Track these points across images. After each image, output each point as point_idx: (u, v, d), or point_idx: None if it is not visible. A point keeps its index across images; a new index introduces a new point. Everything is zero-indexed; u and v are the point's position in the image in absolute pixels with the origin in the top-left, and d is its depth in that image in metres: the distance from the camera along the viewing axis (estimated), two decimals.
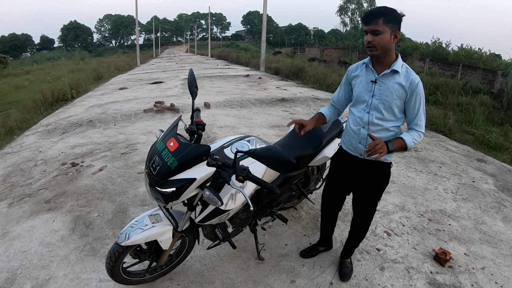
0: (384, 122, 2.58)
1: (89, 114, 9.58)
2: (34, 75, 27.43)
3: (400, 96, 2.52)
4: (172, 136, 2.43)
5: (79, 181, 5.16)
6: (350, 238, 3.23)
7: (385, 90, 2.52)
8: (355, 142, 2.70)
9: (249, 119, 8.70)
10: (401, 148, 2.49)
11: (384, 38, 2.38)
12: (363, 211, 3.01)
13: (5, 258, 3.49)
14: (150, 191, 2.46)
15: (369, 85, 2.60)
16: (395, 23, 2.39)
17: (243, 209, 2.84)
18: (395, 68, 2.48)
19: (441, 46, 31.58)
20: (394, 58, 2.54)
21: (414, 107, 2.55)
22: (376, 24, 2.35)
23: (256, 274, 3.21)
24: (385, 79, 2.53)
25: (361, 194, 2.95)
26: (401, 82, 2.49)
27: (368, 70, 2.63)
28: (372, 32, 2.38)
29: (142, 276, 2.96)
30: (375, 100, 2.57)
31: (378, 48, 2.42)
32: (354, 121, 2.71)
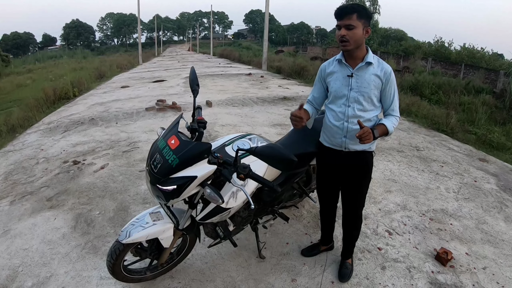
0: (365, 113, 2.66)
1: (91, 112, 9.60)
2: (36, 74, 27.43)
3: (377, 86, 2.62)
4: (173, 134, 2.43)
5: (80, 179, 5.17)
6: (345, 238, 3.25)
7: (363, 82, 2.61)
8: (339, 137, 2.75)
9: (251, 117, 8.71)
10: (383, 133, 2.62)
11: (357, 33, 2.46)
12: (352, 206, 3.05)
13: (6, 255, 3.49)
14: (151, 189, 2.46)
15: (346, 80, 2.66)
16: (367, 19, 2.49)
17: (244, 208, 2.84)
18: (368, 60, 2.58)
19: (444, 45, 31.59)
20: (365, 52, 2.63)
21: (390, 94, 2.68)
22: (349, 19, 2.43)
23: (257, 273, 3.22)
24: (360, 72, 2.61)
25: (349, 187, 2.98)
26: (376, 72, 2.60)
27: (342, 66, 2.69)
28: (345, 26, 2.45)
29: (143, 274, 2.97)
30: (353, 93, 2.64)
31: (351, 42, 2.49)
32: (335, 117, 2.75)
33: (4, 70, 32.08)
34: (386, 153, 6.20)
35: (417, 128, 8.21)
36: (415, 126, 8.37)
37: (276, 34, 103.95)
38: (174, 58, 44.05)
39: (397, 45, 39.19)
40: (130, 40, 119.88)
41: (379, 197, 4.63)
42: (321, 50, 45.86)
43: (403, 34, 49.12)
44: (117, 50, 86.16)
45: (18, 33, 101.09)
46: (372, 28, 10.52)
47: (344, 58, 2.66)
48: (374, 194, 4.67)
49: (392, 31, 49.40)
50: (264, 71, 21.30)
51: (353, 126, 2.65)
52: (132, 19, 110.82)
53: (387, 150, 6.38)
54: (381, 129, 2.59)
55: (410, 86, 14.06)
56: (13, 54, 68.78)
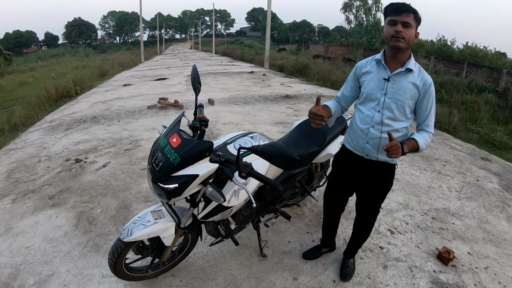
0: (395, 122, 2.50)
1: (93, 111, 9.61)
2: (38, 72, 27.46)
3: (413, 96, 2.45)
4: (175, 132, 2.42)
5: (82, 177, 5.17)
6: (353, 239, 3.20)
7: (399, 89, 2.44)
8: (362, 142, 2.61)
9: (253, 115, 8.71)
10: (413, 149, 2.44)
11: (413, 33, 2.34)
12: (367, 213, 2.97)
13: (8, 253, 3.50)
14: (153, 187, 2.46)
15: (382, 83, 2.50)
16: (418, 23, 2.37)
17: (246, 206, 2.85)
18: (409, 66, 2.41)
19: (446, 44, 31.47)
20: (408, 57, 2.46)
21: (426, 108, 2.49)
22: (408, 17, 2.30)
23: (258, 271, 3.22)
24: (398, 77, 2.45)
25: (365, 196, 2.89)
26: (415, 81, 2.43)
27: (380, 67, 2.53)
28: (403, 23, 2.31)
29: (144, 272, 2.97)
30: (387, 98, 2.48)
31: (405, 40, 2.33)
32: (363, 120, 2.60)
33: (7, 69, 32.08)
34: None
35: None
36: None
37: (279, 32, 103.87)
38: (176, 56, 44.06)
39: None
40: (132, 38, 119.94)
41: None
42: (323, 48, 45.72)
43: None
44: (119, 48, 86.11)
45: (20, 31, 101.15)
46: (375, 26, 10.54)
47: (384, 59, 2.52)
48: None
49: None
50: (266, 69, 21.32)
51: (377, 133, 2.54)
52: (134, 17, 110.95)
53: None
54: (412, 145, 2.42)
55: None
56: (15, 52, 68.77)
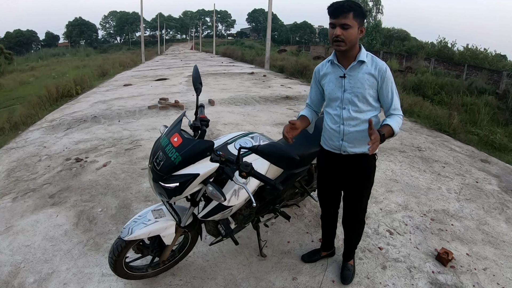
0: (362, 114, 2.55)
1: (93, 110, 9.64)
2: (39, 71, 27.58)
3: (372, 85, 2.49)
4: (176, 132, 2.44)
5: (83, 176, 5.19)
6: (346, 242, 3.20)
7: (356, 82, 2.49)
8: (337, 140, 2.65)
9: (253, 116, 8.72)
10: (389, 135, 2.43)
11: (353, 33, 2.34)
12: (354, 209, 2.95)
13: (8, 252, 3.51)
14: (153, 186, 2.47)
15: (339, 81, 2.56)
16: (362, 18, 2.36)
17: (246, 206, 2.86)
18: (361, 58, 2.46)
19: (447, 46, 31.55)
20: (358, 50, 2.50)
21: (388, 92, 2.53)
22: (345, 18, 2.29)
23: (258, 271, 3.23)
24: (353, 71, 2.50)
25: (350, 190, 2.89)
26: (370, 71, 2.47)
27: (335, 67, 2.58)
28: (341, 26, 2.31)
29: (144, 271, 2.98)
30: (347, 94, 2.53)
31: (346, 42, 2.36)
32: (332, 120, 2.66)
33: (7, 68, 32.15)
34: (388, 153, 6.20)
35: (419, 129, 8.21)
36: (417, 127, 8.37)
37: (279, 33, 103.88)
38: (177, 56, 44.07)
39: (400, 45, 39.07)
40: (133, 38, 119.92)
41: (381, 197, 4.63)
42: (324, 49, 45.77)
43: (406, 34, 48.84)
44: (119, 48, 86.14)
45: (21, 30, 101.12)
46: (375, 27, 10.54)
47: (336, 59, 2.56)
48: (376, 194, 4.66)
49: (395, 31, 49.16)
50: (267, 70, 21.33)
51: (350, 128, 2.58)
52: (135, 18, 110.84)
53: (389, 150, 6.37)
54: (387, 131, 2.41)
55: (413, 86, 14.08)
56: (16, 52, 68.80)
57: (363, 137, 2.53)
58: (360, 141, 2.59)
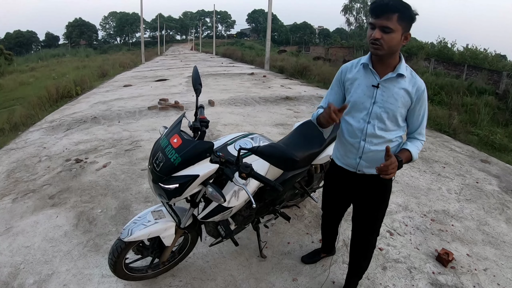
0: (387, 133, 2.27)
1: (93, 111, 9.64)
2: (39, 72, 27.56)
3: (405, 104, 2.20)
4: (175, 133, 2.44)
5: (83, 177, 5.19)
6: (351, 269, 2.92)
7: (389, 97, 2.19)
8: (354, 157, 2.38)
9: (253, 117, 8.73)
10: (407, 161, 2.21)
11: (395, 38, 2.02)
12: (365, 231, 2.68)
13: (8, 253, 3.51)
14: (153, 187, 2.47)
15: (370, 90, 2.23)
16: (409, 22, 2.03)
17: (246, 207, 2.85)
18: (400, 71, 2.15)
19: (447, 46, 31.42)
20: (398, 60, 2.19)
21: (419, 115, 2.27)
22: (388, 20, 1.98)
23: (258, 272, 3.23)
24: (389, 83, 2.18)
25: (362, 212, 2.62)
26: (407, 87, 2.17)
27: (368, 72, 2.25)
28: (382, 28, 2.00)
29: (144, 272, 2.98)
30: (377, 107, 2.22)
31: (385, 47, 2.05)
32: (352, 133, 2.35)
33: (7, 68, 32.15)
34: None
35: None
36: None
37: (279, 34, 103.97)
38: (177, 57, 44.08)
39: None
40: (133, 39, 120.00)
41: None
42: (323, 50, 45.74)
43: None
44: (119, 49, 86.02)
45: (21, 31, 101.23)
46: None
47: (371, 63, 2.23)
48: None
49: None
50: (267, 70, 21.36)
51: (371, 146, 2.29)
52: (135, 18, 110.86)
53: None
54: (406, 157, 2.20)
55: None
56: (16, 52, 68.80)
57: (383, 158, 2.14)
58: (379, 161, 2.16)
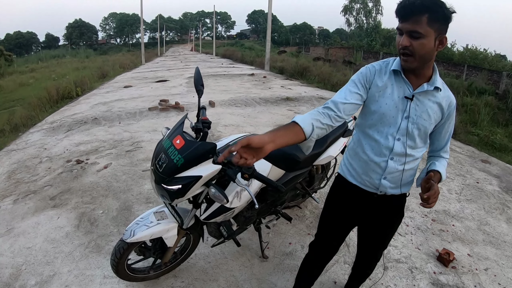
0: (415, 150, 1.99)
1: (94, 112, 9.64)
2: (39, 73, 27.53)
3: (436, 120, 1.93)
4: (178, 134, 2.45)
5: (84, 178, 5.20)
6: (354, 276, 2.81)
7: (423, 112, 1.89)
8: (377, 177, 2.03)
9: (253, 118, 8.73)
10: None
11: (427, 44, 1.69)
12: (375, 249, 2.48)
13: (9, 254, 3.52)
14: (155, 188, 2.48)
15: (402, 103, 1.89)
16: (443, 23, 1.69)
17: (248, 207, 2.87)
18: (437, 84, 1.86)
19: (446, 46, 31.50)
20: (432, 70, 1.88)
21: (447, 132, 2.03)
22: (417, 23, 1.66)
23: (260, 272, 3.24)
24: (423, 97, 1.88)
25: (373, 233, 2.36)
26: (441, 102, 1.90)
27: (399, 80, 1.91)
28: (410, 33, 1.70)
29: (146, 273, 2.99)
30: (409, 124, 1.90)
31: (416, 57, 1.73)
32: (377, 150, 2.00)
33: (7, 69, 32.16)
34: None
35: None
36: None
37: (279, 35, 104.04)
38: (177, 58, 44.07)
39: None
40: (133, 40, 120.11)
41: None
42: (323, 50, 45.78)
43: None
44: (119, 50, 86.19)
45: (21, 32, 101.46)
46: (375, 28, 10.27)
47: (402, 70, 1.88)
48: None
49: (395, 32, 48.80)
50: (267, 71, 21.37)
51: (398, 166, 1.98)
52: (135, 19, 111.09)
53: None
54: (437, 180, 1.91)
55: None
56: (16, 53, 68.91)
57: (410, 177, 2.07)
58: (405, 181, 2.06)
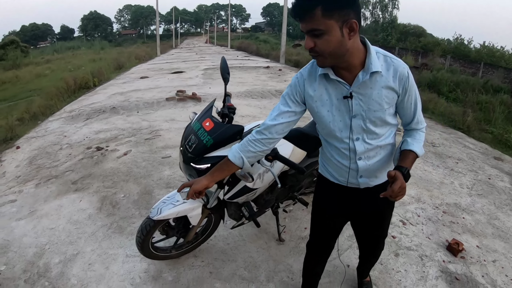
0: (380, 140, 1.85)
1: (111, 102, 9.80)
2: (54, 64, 27.77)
3: (391, 102, 1.75)
4: (207, 117, 2.62)
5: (104, 164, 5.34)
6: (362, 264, 2.85)
7: (370, 103, 1.71)
8: (353, 177, 1.94)
9: (269, 109, 8.52)
10: (413, 163, 1.86)
11: (332, 39, 1.51)
12: (374, 240, 2.49)
13: (33, 234, 3.64)
14: (184, 168, 2.63)
15: (344, 104, 1.74)
16: (343, 8, 1.47)
17: (268, 191, 2.98)
18: (374, 69, 1.63)
19: (463, 43, 31.18)
20: (363, 53, 1.65)
21: (411, 104, 1.81)
22: (312, 20, 1.48)
23: (276, 254, 3.34)
24: (364, 89, 1.69)
25: (367, 225, 2.32)
26: (388, 83, 1.68)
27: (332, 82, 1.73)
28: (310, 33, 1.53)
29: (168, 252, 3.10)
30: (358, 121, 1.76)
31: (325, 55, 1.57)
32: (342, 155, 1.90)
33: (23, 60, 32.44)
34: None
35: (434, 125, 8.22)
36: (431, 123, 8.36)
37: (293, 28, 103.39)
38: (192, 50, 43.98)
39: (416, 41, 38.41)
40: (148, 31, 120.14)
41: None
42: None
43: (422, 30, 47.76)
44: (134, 41, 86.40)
45: (37, 24, 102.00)
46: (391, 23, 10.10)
47: (332, 70, 1.70)
48: None
49: (411, 27, 48.21)
50: (282, 64, 21.30)
51: (369, 161, 1.89)
52: (150, 11, 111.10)
53: None
54: (411, 161, 1.83)
55: (428, 83, 13.95)
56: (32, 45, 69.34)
57: (386, 164, 1.95)
58: (384, 168, 1.95)
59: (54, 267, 3.17)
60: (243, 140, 1.99)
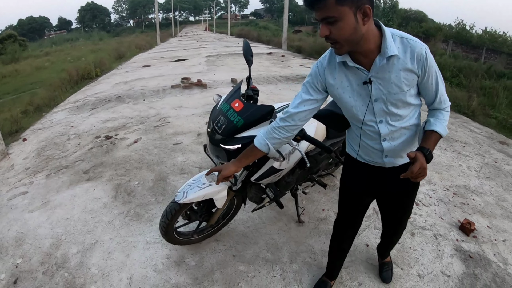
0: (404, 120, 1.88)
1: (116, 91, 9.80)
2: (54, 56, 27.64)
3: (411, 83, 1.76)
4: (236, 98, 2.66)
5: (115, 153, 5.35)
6: (384, 243, 2.89)
7: (389, 87, 1.75)
8: (379, 157, 2.01)
9: (276, 94, 8.77)
10: (436, 143, 1.87)
11: (346, 26, 1.54)
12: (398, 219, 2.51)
13: (48, 225, 3.66)
14: (211, 149, 2.67)
15: (364, 89, 1.80)
16: None
17: (289, 173, 3.02)
18: (390, 53, 1.65)
19: (465, 28, 30.92)
20: (378, 37, 1.68)
21: (432, 84, 1.81)
22: (326, 7, 1.51)
23: (297, 236, 3.40)
24: (382, 73, 1.72)
25: (392, 203, 2.36)
26: (406, 65, 1.70)
27: (350, 69, 1.79)
28: (325, 20, 1.56)
29: (190, 237, 3.14)
30: (380, 104, 1.82)
31: (342, 42, 1.61)
32: (367, 136, 1.97)
33: (22, 54, 32.28)
34: None
35: None
36: None
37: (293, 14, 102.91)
38: (192, 38, 43.59)
39: (417, 26, 38.04)
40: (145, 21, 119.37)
41: None
42: None
43: (423, 15, 47.33)
44: (133, 31, 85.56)
45: (34, 17, 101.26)
46: (392, 8, 10.08)
47: (350, 58, 1.75)
48: None
49: (412, 12, 47.74)
50: (284, 50, 21.22)
51: (394, 142, 1.93)
52: (147, 0, 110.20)
53: None
54: (434, 141, 1.84)
55: None
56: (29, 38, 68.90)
57: (411, 144, 1.98)
58: (409, 149, 1.96)
59: (72, 258, 3.18)
60: (268, 127, 2.11)
